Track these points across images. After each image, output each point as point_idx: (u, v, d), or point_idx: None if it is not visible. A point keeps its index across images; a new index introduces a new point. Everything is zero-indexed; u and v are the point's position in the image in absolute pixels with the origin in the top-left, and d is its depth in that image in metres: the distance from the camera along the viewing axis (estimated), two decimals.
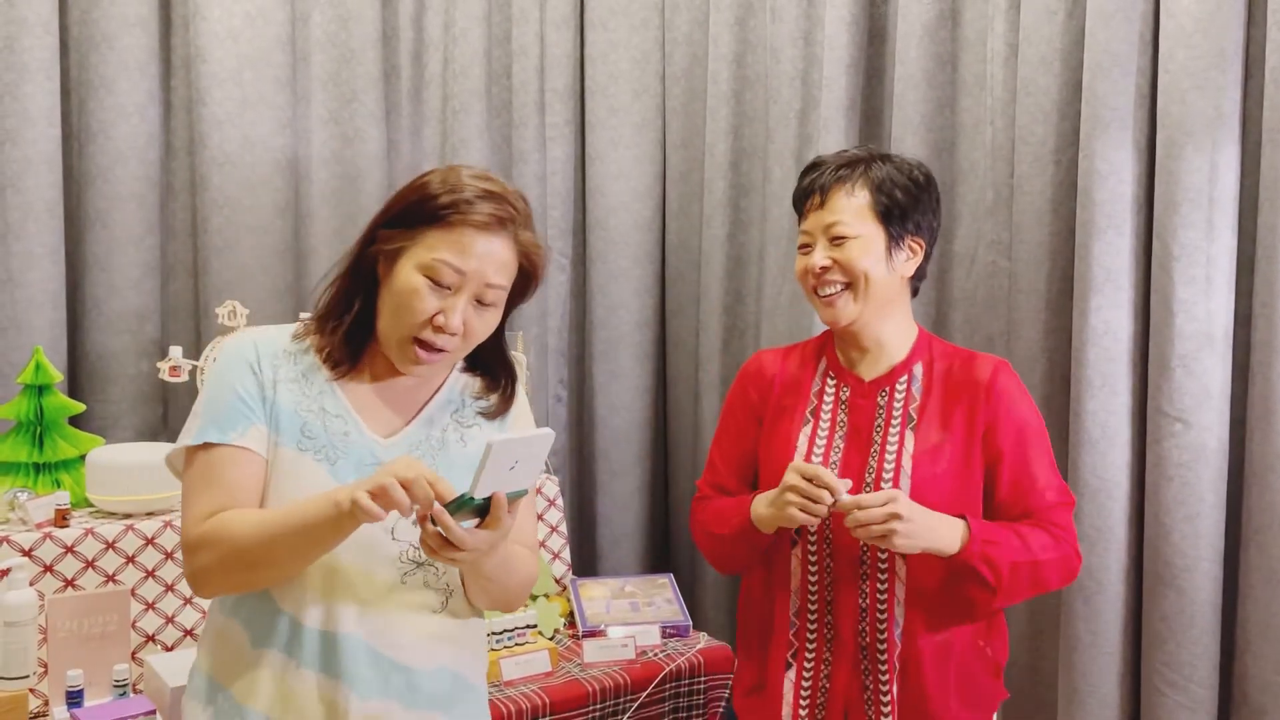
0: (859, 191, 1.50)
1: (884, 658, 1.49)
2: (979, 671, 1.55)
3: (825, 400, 1.57)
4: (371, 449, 1.28)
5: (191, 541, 1.23)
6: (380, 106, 2.70)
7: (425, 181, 1.28)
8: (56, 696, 1.82)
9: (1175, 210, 2.04)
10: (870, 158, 1.54)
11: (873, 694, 1.50)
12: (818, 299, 1.52)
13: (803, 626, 1.54)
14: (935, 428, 1.51)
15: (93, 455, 2.04)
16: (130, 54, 2.42)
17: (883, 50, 2.57)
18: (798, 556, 1.54)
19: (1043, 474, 1.55)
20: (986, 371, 1.54)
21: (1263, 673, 2.00)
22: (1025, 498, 1.53)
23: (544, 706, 1.99)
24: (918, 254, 1.54)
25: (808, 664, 1.53)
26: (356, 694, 1.25)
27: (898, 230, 1.51)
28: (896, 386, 1.55)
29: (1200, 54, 2.00)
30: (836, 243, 1.50)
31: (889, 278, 1.51)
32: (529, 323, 2.85)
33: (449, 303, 1.25)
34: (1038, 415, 1.57)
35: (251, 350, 1.29)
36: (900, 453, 1.50)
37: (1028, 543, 1.49)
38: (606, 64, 2.89)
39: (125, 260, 2.43)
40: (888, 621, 1.49)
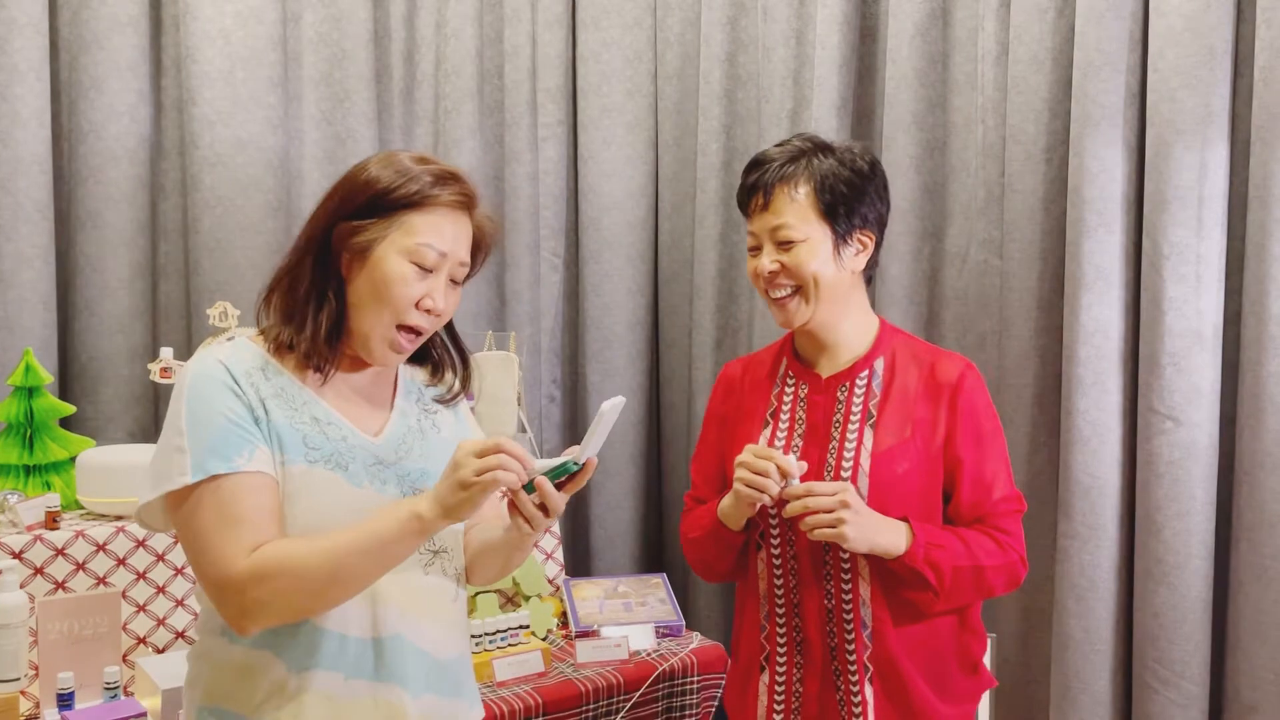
0: (801, 190, 1.47)
1: (853, 660, 1.48)
2: (955, 667, 1.55)
3: (785, 400, 1.56)
4: (369, 449, 1.28)
5: (239, 579, 1.15)
6: (372, 106, 2.70)
7: (376, 175, 1.25)
8: (47, 699, 1.81)
9: (1165, 208, 2.05)
10: (812, 150, 1.49)
11: (845, 696, 1.49)
12: (770, 300, 1.52)
13: (772, 630, 1.54)
14: (896, 426, 1.49)
15: (83, 457, 2.04)
16: (121, 54, 2.41)
17: (874, 49, 2.58)
18: (763, 560, 1.54)
19: (998, 480, 1.52)
20: (953, 373, 1.51)
21: (1254, 669, 2.01)
22: (980, 503, 1.51)
23: (537, 707, 1.99)
24: (867, 247, 1.52)
25: (779, 668, 1.53)
26: (409, 693, 1.25)
27: (844, 226, 1.48)
28: (856, 382, 1.53)
29: (1190, 52, 2.01)
30: (783, 246, 1.48)
31: (839, 275, 1.49)
32: (522, 323, 2.85)
33: (432, 284, 1.26)
34: (997, 420, 1.56)
35: (224, 372, 1.22)
36: (859, 450, 1.48)
37: (971, 548, 1.47)
38: (599, 63, 2.89)
39: (116, 261, 2.42)
40: (854, 623, 1.48)
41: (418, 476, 1.30)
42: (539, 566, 2.43)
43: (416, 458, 1.32)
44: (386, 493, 1.27)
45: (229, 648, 1.24)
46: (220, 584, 1.17)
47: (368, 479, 1.26)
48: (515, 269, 2.86)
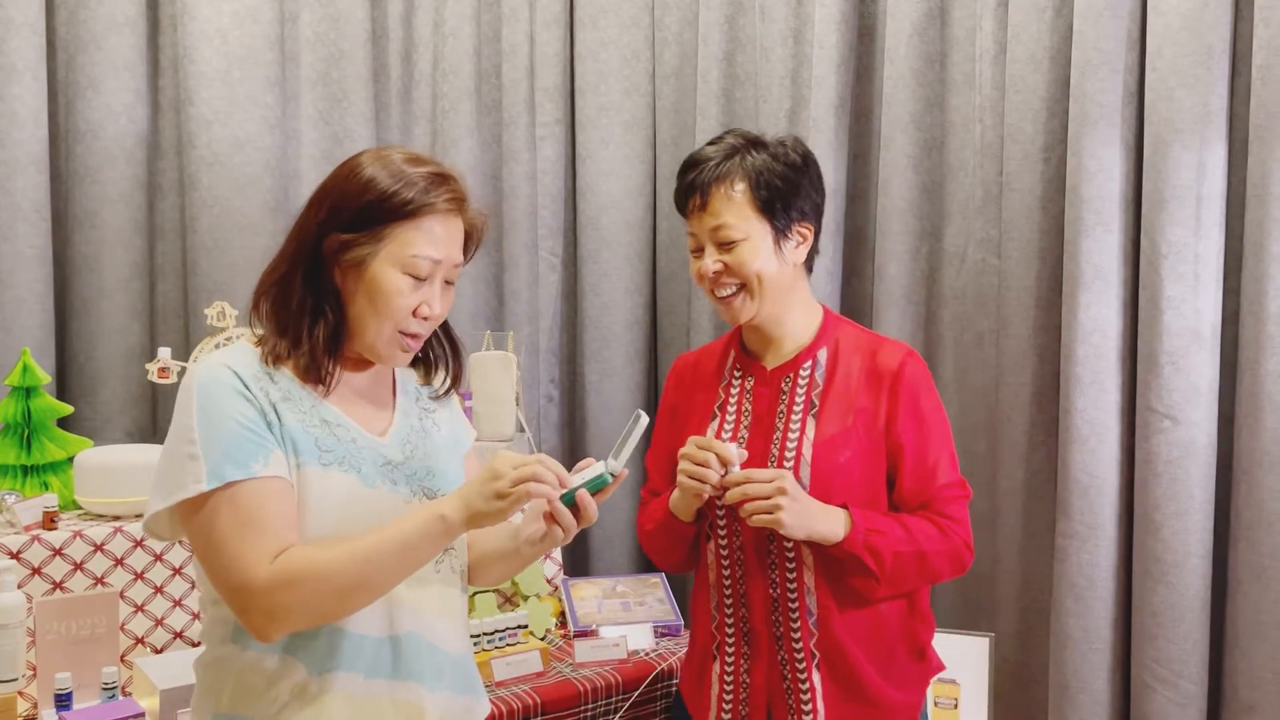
0: (738, 188, 1.48)
1: (799, 647, 1.50)
2: (903, 653, 1.56)
3: (732, 392, 1.58)
4: (378, 450, 1.28)
5: (264, 585, 1.14)
6: (370, 106, 2.69)
7: (369, 180, 1.23)
8: (45, 699, 1.81)
9: (1163, 207, 2.05)
10: (745, 146, 1.50)
11: (792, 684, 1.50)
12: (716, 299, 1.53)
13: (721, 620, 1.56)
14: (838, 415, 1.51)
15: (81, 457, 2.04)
16: (118, 54, 2.41)
17: (872, 49, 2.58)
18: (712, 550, 1.56)
19: (942, 466, 1.54)
20: (895, 360, 1.53)
21: (1252, 668, 2.01)
22: (924, 489, 1.53)
23: (535, 707, 1.99)
24: (807, 238, 1.54)
25: (728, 657, 1.55)
26: (426, 689, 1.26)
27: (782, 221, 1.50)
28: (800, 373, 1.55)
29: (1188, 51, 2.01)
30: (725, 246, 1.49)
31: (782, 269, 1.51)
32: (520, 322, 2.85)
33: (428, 292, 1.26)
34: (940, 406, 1.57)
35: (233, 377, 1.21)
36: (801, 439, 1.50)
37: (913, 533, 1.49)
38: (596, 62, 2.89)
39: (114, 261, 2.42)
40: (799, 611, 1.50)
41: (424, 475, 1.31)
42: (538, 566, 2.43)
43: (422, 457, 1.32)
44: (398, 493, 1.27)
45: (242, 654, 1.23)
46: (243, 591, 1.15)
47: (380, 479, 1.26)
48: (513, 268, 2.86)
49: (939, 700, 2.23)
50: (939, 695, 2.23)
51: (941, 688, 2.23)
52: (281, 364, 1.26)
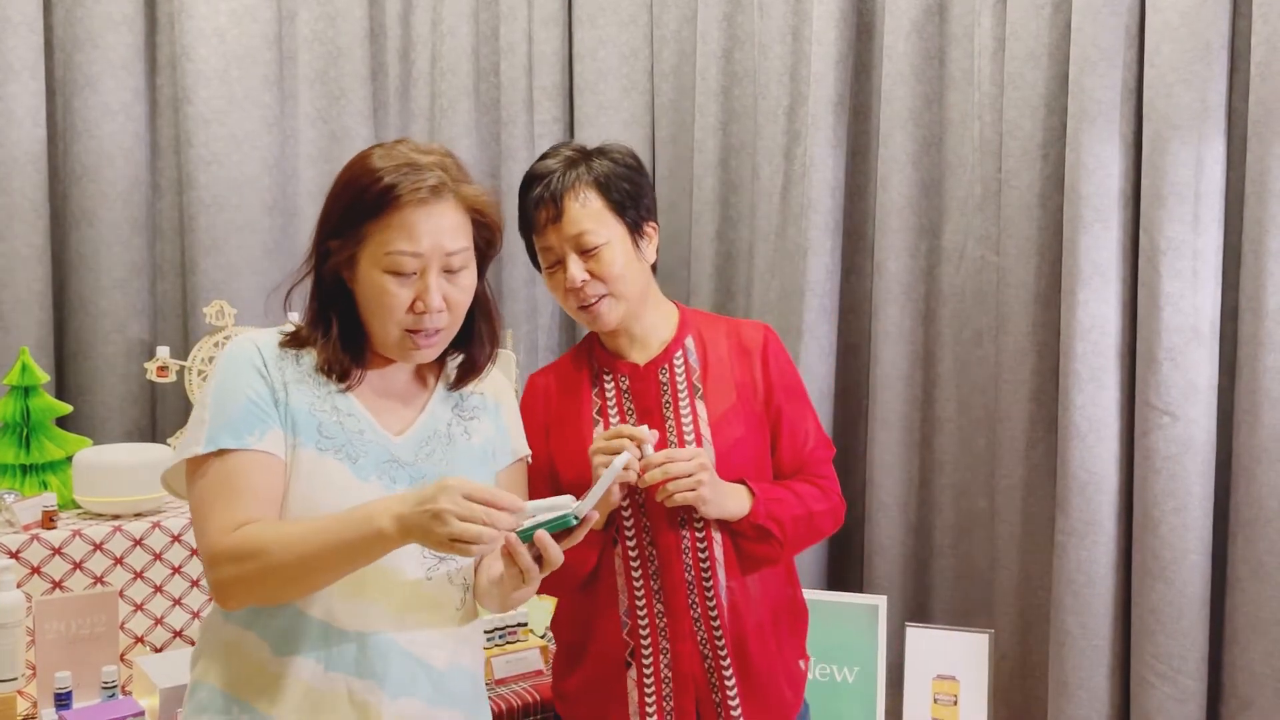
0: (588, 193, 1.50)
1: (717, 624, 1.53)
2: (789, 632, 1.62)
3: (608, 396, 1.59)
4: (386, 446, 1.28)
5: (219, 553, 1.18)
6: (368, 104, 2.69)
7: (349, 179, 1.24)
8: (45, 698, 1.81)
9: (1162, 204, 2.05)
10: (584, 155, 1.53)
11: (714, 663, 1.52)
12: (581, 311, 1.53)
13: (634, 625, 1.54)
14: (722, 393, 1.56)
15: (80, 456, 2.03)
16: (115, 52, 2.41)
17: (870, 45, 2.58)
18: (619, 555, 1.54)
19: (812, 430, 1.63)
20: (758, 336, 1.61)
21: (1251, 664, 2.01)
22: (799, 454, 1.61)
23: (535, 704, 1.99)
24: (654, 236, 1.58)
25: (646, 659, 1.54)
26: (387, 694, 1.24)
27: (634, 219, 1.53)
28: (674, 362, 1.58)
29: (1186, 48, 2.01)
30: (588, 254, 1.49)
31: (641, 268, 1.55)
32: (518, 320, 2.85)
33: (420, 286, 1.23)
34: (798, 373, 1.66)
35: (256, 354, 1.26)
36: (696, 421, 1.54)
37: (801, 497, 1.57)
38: (595, 61, 2.89)
39: (112, 260, 2.42)
40: (714, 587, 1.52)
41: (433, 480, 1.27)
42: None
43: (437, 461, 1.31)
44: (395, 491, 1.26)
45: (223, 625, 1.27)
46: (206, 555, 1.20)
47: (376, 475, 1.25)
48: (512, 266, 2.86)
49: (938, 697, 2.23)
50: (938, 692, 2.24)
51: (941, 684, 2.24)
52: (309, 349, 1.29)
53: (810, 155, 2.53)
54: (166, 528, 1.99)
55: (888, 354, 2.49)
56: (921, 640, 2.26)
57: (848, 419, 2.64)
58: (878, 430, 2.50)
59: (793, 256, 2.59)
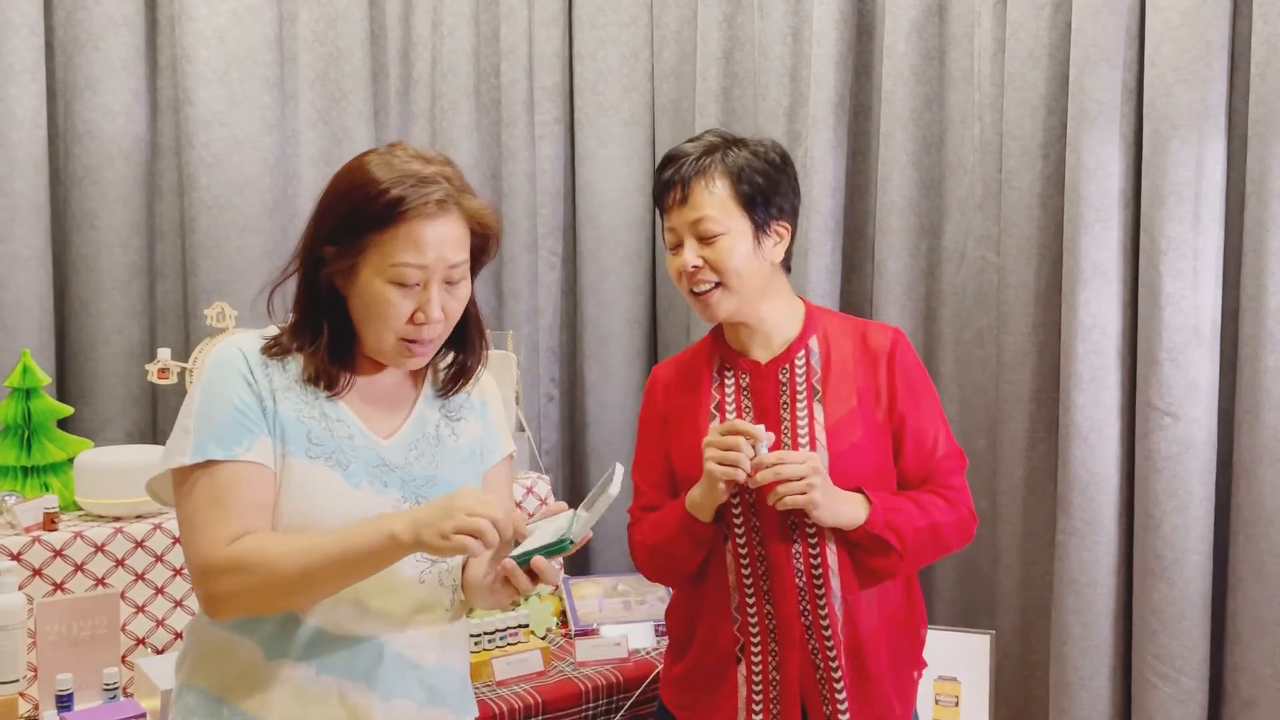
0: (719, 182, 1.48)
1: (829, 634, 1.50)
2: (904, 643, 1.58)
3: (727, 391, 1.57)
4: (376, 451, 1.27)
5: (215, 566, 1.17)
6: (368, 106, 2.69)
7: (351, 185, 1.22)
8: (46, 700, 1.81)
9: (1162, 204, 2.05)
10: (725, 144, 1.51)
11: (825, 674, 1.50)
12: (694, 298, 1.52)
13: (744, 621, 1.54)
14: (842, 397, 1.53)
15: (81, 458, 2.03)
16: (116, 54, 2.41)
17: (870, 46, 2.58)
18: (730, 551, 1.54)
19: (940, 439, 1.57)
20: (886, 339, 1.56)
21: (1252, 664, 2.01)
22: (926, 463, 1.55)
23: (536, 706, 1.99)
24: (784, 237, 1.55)
25: (755, 657, 1.53)
26: (379, 695, 1.25)
27: (762, 217, 1.50)
28: (796, 362, 1.55)
29: (1186, 48, 2.01)
30: (706, 241, 1.48)
31: (760, 265, 1.51)
32: (519, 321, 2.85)
33: (422, 297, 1.23)
34: (930, 380, 1.61)
35: (242, 360, 1.24)
36: (811, 424, 1.51)
37: (925, 508, 1.52)
38: (595, 61, 2.89)
39: (113, 262, 2.42)
40: (826, 595, 1.50)
41: (423, 483, 1.29)
42: None
43: (425, 464, 1.31)
44: (387, 495, 1.26)
45: (210, 627, 1.26)
46: (199, 568, 1.19)
47: (367, 480, 1.25)
48: (513, 267, 2.86)
49: (940, 698, 2.23)
50: (940, 693, 2.24)
51: (942, 685, 2.23)
52: (293, 356, 1.27)
53: (811, 156, 2.53)
54: (168, 530, 1.99)
55: None
56: None
57: None
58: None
59: (793, 256, 2.59)
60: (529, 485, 2.46)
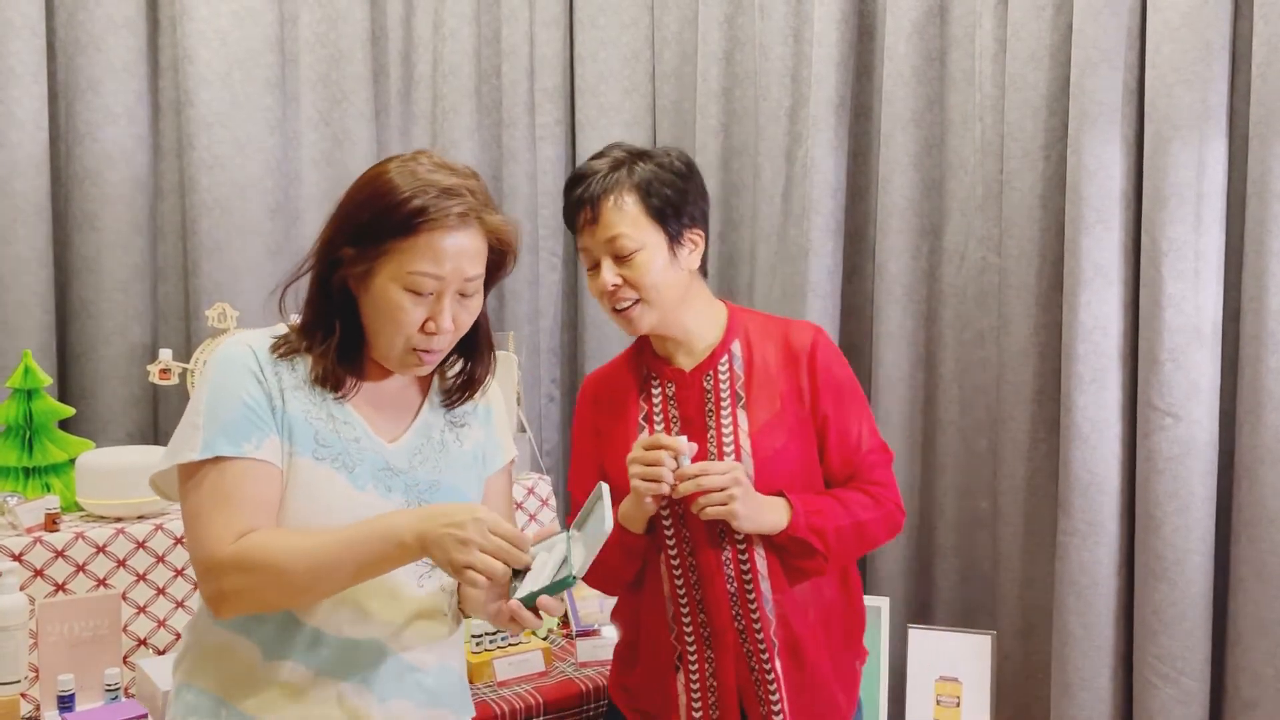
0: (628, 198, 1.48)
1: (761, 637, 1.51)
2: (843, 636, 1.60)
3: (655, 402, 1.58)
4: (381, 454, 1.28)
5: (219, 563, 1.17)
6: (370, 107, 2.69)
7: (377, 191, 1.22)
8: (48, 701, 1.81)
9: (1163, 205, 2.05)
10: (630, 159, 1.51)
11: (759, 676, 1.52)
12: (616, 314, 1.52)
13: (680, 630, 1.55)
14: (765, 402, 1.53)
15: (83, 459, 2.04)
16: (117, 56, 2.41)
17: (872, 47, 2.58)
18: (664, 562, 1.55)
19: (864, 435, 1.58)
20: (807, 338, 1.57)
21: (1254, 665, 2.01)
22: (850, 460, 1.57)
23: (538, 706, 1.99)
24: (699, 244, 1.55)
25: (692, 665, 1.55)
26: (377, 697, 1.25)
27: (675, 228, 1.50)
28: (719, 368, 1.56)
29: (1187, 48, 2.01)
30: (621, 259, 1.48)
31: (678, 276, 1.51)
32: (521, 322, 2.85)
33: (435, 307, 1.23)
34: (853, 376, 1.61)
35: (252, 357, 1.24)
36: (736, 431, 1.52)
37: (848, 506, 1.53)
38: (596, 63, 2.89)
39: (114, 263, 2.42)
40: (757, 599, 1.51)
41: (427, 487, 1.30)
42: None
43: (430, 469, 1.31)
44: (391, 499, 1.26)
45: (210, 627, 1.26)
46: (204, 564, 1.19)
47: (372, 483, 1.25)
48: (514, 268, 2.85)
49: (941, 698, 2.23)
50: (941, 693, 2.24)
51: (944, 686, 2.24)
52: (302, 356, 1.27)
53: (811, 157, 2.53)
54: (169, 530, 1.99)
55: (889, 355, 2.49)
56: (924, 641, 2.26)
57: None
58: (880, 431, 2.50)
59: (794, 258, 2.59)
60: (530, 486, 2.46)
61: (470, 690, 1.97)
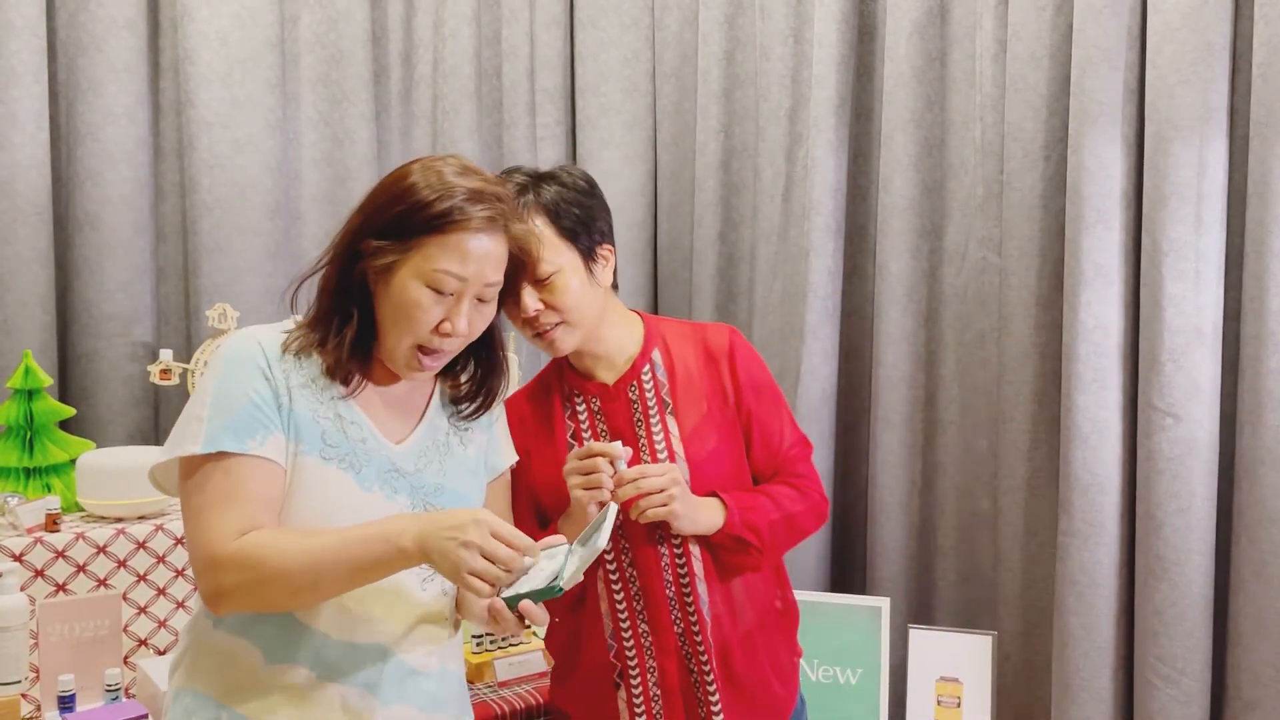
0: (538, 221, 1.46)
1: (700, 639, 1.53)
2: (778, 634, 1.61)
3: (580, 419, 1.58)
4: (388, 456, 1.28)
5: (219, 560, 1.16)
6: (370, 107, 2.70)
7: (409, 187, 1.23)
8: (49, 702, 1.81)
9: (1164, 205, 2.05)
10: (532, 182, 1.50)
11: (698, 676, 1.53)
12: (537, 339, 1.51)
13: (620, 648, 1.55)
14: (693, 405, 1.55)
15: (83, 459, 2.04)
16: (118, 56, 2.41)
17: (872, 47, 2.58)
18: (601, 579, 1.56)
19: (786, 429, 1.62)
20: (723, 339, 1.59)
21: (1254, 665, 2.01)
22: (775, 456, 1.60)
23: (538, 707, 1.99)
24: (610, 259, 1.55)
25: (634, 680, 1.55)
26: (380, 701, 1.25)
27: (586, 245, 1.49)
28: (643, 379, 1.56)
29: (1188, 48, 2.01)
30: (540, 284, 1.45)
31: (595, 294, 1.51)
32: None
33: (453, 309, 1.24)
34: (769, 372, 1.64)
35: (260, 353, 1.23)
36: (667, 437, 1.54)
37: (777, 500, 1.57)
38: (597, 63, 2.89)
39: (115, 263, 2.42)
40: (694, 601, 1.53)
41: (432, 490, 1.30)
42: None
43: (434, 472, 1.31)
44: (397, 501, 1.26)
45: (211, 630, 1.25)
46: (204, 560, 1.18)
47: (379, 485, 1.25)
48: None
49: (942, 699, 2.23)
50: (942, 694, 2.23)
51: (944, 686, 2.23)
52: (310, 353, 1.26)
53: (812, 157, 2.53)
54: (170, 530, 1.99)
55: (890, 356, 2.49)
56: (924, 642, 2.26)
57: (850, 421, 2.64)
58: (880, 432, 2.50)
59: (795, 258, 2.59)
60: None
61: (470, 691, 1.98)
